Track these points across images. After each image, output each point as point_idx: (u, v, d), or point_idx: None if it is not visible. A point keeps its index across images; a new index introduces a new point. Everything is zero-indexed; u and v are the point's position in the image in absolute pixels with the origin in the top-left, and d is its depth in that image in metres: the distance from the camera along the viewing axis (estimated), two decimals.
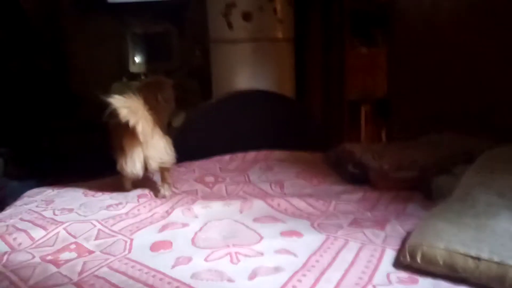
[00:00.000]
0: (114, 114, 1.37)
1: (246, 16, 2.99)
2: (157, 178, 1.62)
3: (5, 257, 1.06)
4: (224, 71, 3.13)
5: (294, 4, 3.14)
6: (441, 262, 0.93)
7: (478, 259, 0.90)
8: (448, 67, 2.10)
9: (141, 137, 1.40)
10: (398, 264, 0.99)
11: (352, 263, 1.00)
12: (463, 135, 1.72)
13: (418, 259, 0.95)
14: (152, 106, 1.51)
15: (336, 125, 3.03)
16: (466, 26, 1.97)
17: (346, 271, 0.97)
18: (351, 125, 3.01)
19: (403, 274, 0.95)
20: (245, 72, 3.07)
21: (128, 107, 1.38)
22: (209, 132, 2.07)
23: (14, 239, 1.17)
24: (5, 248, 1.13)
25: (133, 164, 1.47)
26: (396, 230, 1.16)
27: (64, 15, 3.35)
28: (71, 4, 3.39)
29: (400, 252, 1.02)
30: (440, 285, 0.91)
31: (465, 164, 1.36)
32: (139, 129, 1.38)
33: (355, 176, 1.60)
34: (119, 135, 1.45)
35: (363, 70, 3.11)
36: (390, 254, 1.03)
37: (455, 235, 0.97)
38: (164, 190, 1.52)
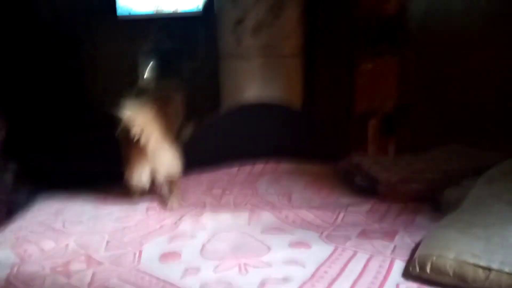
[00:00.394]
0: (124, 127, 1.39)
1: (255, 32, 3.03)
2: (165, 189, 1.63)
3: (15, 269, 1.07)
4: (232, 86, 3.15)
5: (302, 19, 3.18)
6: (451, 273, 0.92)
7: (488, 269, 0.89)
8: (458, 81, 2.10)
9: (149, 152, 1.41)
10: (407, 274, 0.98)
11: (360, 274, 0.99)
12: (472, 149, 1.72)
13: (428, 270, 0.94)
14: (162, 119, 1.53)
15: (343, 138, 3.02)
16: (478, 40, 1.97)
17: (355, 281, 0.96)
18: (359, 138, 3.00)
19: (413, 285, 0.95)
20: (253, 86, 3.10)
21: (138, 122, 1.39)
22: (217, 144, 2.08)
23: (25, 250, 1.18)
24: (16, 259, 1.14)
25: (139, 176, 1.49)
26: (405, 241, 1.15)
27: (77, 32, 3.43)
28: (82, 21, 3.46)
29: (409, 262, 1.01)
30: None
31: (473, 177, 1.35)
32: (147, 144, 1.39)
33: (363, 188, 1.60)
34: (128, 147, 1.47)
35: (371, 83, 3.11)
36: (399, 265, 1.03)
37: (465, 246, 0.96)
38: (172, 202, 1.53)
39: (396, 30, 2.75)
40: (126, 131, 1.39)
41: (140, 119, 1.41)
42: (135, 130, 1.38)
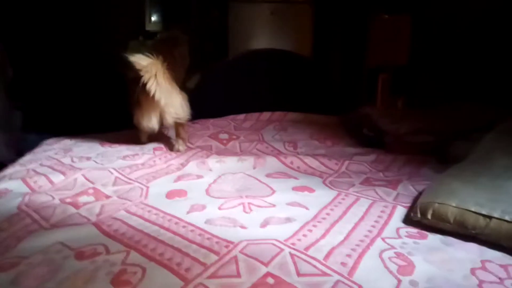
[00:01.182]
0: (132, 70, 1.38)
1: None
2: (172, 133, 1.64)
3: (26, 197, 1.10)
4: (241, 32, 3.08)
5: None
6: (451, 219, 0.94)
7: (489, 217, 0.90)
8: (474, 37, 2.03)
9: (156, 96, 1.40)
10: (408, 220, 1.00)
11: (362, 218, 1.01)
12: (482, 105, 1.69)
13: (429, 216, 0.96)
14: (169, 61, 1.51)
15: (354, 90, 2.99)
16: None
17: (356, 224, 0.98)
18: (369, 92, 2.96)
19: (413, 230, 0.96)
20: (262, 33, 3.03)
21: (146, 66, 1.37)
22: (224, 91, 2.06)
23: (35, 182, 1.21)
24: (26, 189, 1.17)
25: (149, 118, 1.49)
26: (408, 189, 1.16)
27: None
28: None
29: (411, 209, 1.03)
30: (448, 241, 0.92)
31: (483, 131, 1.34)
32: (154, 89, 1.38)
33: (370, 139, 1.60)
34: (137, 90, 1.46)
35: (385, 37, 3.03)
36: (400, 211, 1.04)
37: (469, 194, 0.97)
38: (179, 145, 1.55)
39: None
40: (135, 75, 1.38)
41: (148, 63, 1.38)
42: (144, 74, 1.36)
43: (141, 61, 1.36)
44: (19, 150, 2.71)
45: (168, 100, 1.43)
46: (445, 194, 0.98)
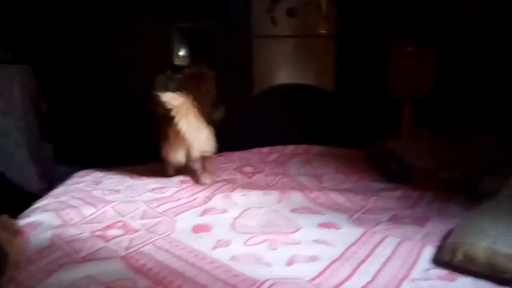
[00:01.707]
0: (162, 106, 1.43)
1: (291, 12, 3.00)
2: (198, 166, 1.67)
3: (59, 230, 1.14)
4: (265, 66, 3.16)
5: (338, 0, 3.12)
6: (482, 261, 0.91)
7: None
8: (498, 70, 2.02)
9: (185, 133, 1.44)
10: (438, 261, 0.97)
11: (390, 258, 0.99)
12: (511, 138, 1.66)
13: (459, 257, 0.93)
14: (195, 96, 1.56)
15: (377, 123, 2.98)
16: None
17: (384, 264, 0.96)
18: (393, 124, 2.95)
19: (442, 272, 0.94)
20: (286, 67, 3.09)
21: (177, 106, 1.42)
22: (250, 124, 2.10)
23: (67, 214, 1.25)
24: (58, 222, 1.21)
25: (176, 152, 1.53)
26: (437, 227, 1.14)
27: (113, 10, 3.50)
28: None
29: (440, 249, 1.00)
30: (480, 284, 0.89)
31: None
32: (183, 127, 1.42)
33: (396, 174, 1.58)
34: (165, 125, 1.51)
35: (408, 69, 3.04)
36: (429, 251, 1.02)
37: (500, 235, 0.94)
38: (205, 178, 1.57)
39: (437, 15, 2.66)
40: (163, 110, 1.43)
41: (179, 103, 1.43)
42: (172, 110, 1.41)
43: (172, 100, 1.41)
44: (50, 181, 2.81)
45: (195, 135, 1.46)
46: (476, 234, 0.96)
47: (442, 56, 2.57)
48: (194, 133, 1.46)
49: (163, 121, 1.51)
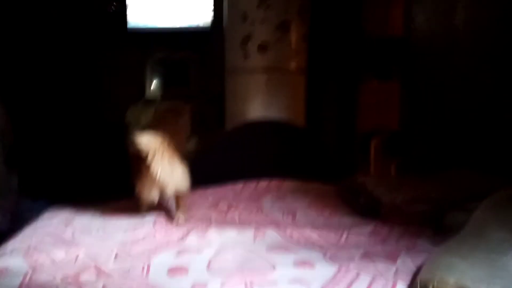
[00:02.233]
0: (136, 146, 1.42)
1: (262, 48, 3.09)
2: (172, 203, 1.66)
3: (27, 278, 1.10)
4: (238, 99, 3.21)
5: (308, 36, 3.25)
6: None
7: None
8: (463, 105, 2.13)
9: (156, 173, 1.44)
10: None
11: None
12: (477, 173, 1.75)
13: None
14: (171, 131, 1.57)
15: (347, 156, 3.06)
16: (484, 64, 2.01)
17: None
18: (362, 157, 3.04)
19: None
20: (258, 101, 3.15)
21: (148, 146, 1.42)
22: (224, 159, 2.12)
23: (36, 260, 1.21)
24: (28, 268, 1.17)
25: (149, 191, 1.52)
26: (407, 264, 1.18)
27: (88, 42, 3.50)
28: (94, 31, 3.54)
29: (411, 285, 1.04)
30: None
31: (477, 201, 1.38)
32: (157, 169, 1.42)
33: (366, 208, 1.63)
34: (139, 163, 1.50)
35: (375, 103, 3.17)
36: (401, 287, 1.05)
37: (466, 270, 0.99)
38: (179, 217, 1.56)
39: (401, 52, 2.81)
40: (136, 149, 1.43)
41: (150, 143, 1.43)
42: (145, 150, 1.41)
43: (146, 142, 1.41)
44: (14, 216, 2.70)
45: (169, 176, 1.46)
46: (443, 271, 1.00)
47: (408, 91, 2.69)
48: (168, 173, 1.46)
49: (137, 159, 1.50)
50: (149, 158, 1.41)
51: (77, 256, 1.23)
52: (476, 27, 2.05)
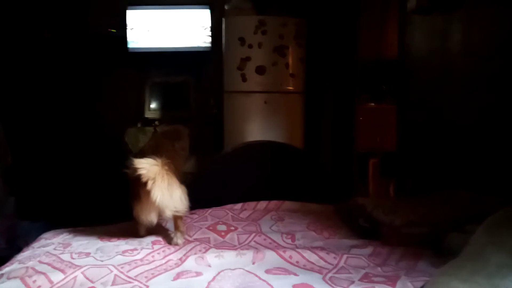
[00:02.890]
0: (134, 171, 1.43)
1: (260, 70, 3.15)
2: (170, 225, 1.65)
3: None
4: (236, 120, 3.25)
5: (305, 59, 3.31)
6: None
7: None
8: (459, 126, 2.16)
9: (155, 197, 1.44)
10: None
11: None
12: (476, 194, 1.75)
13: None
14: (169, 154, 1.58)
15: (345, 176, 3.08)
16: (479, 86, 2.04)
17: None
18: (360, 177, 3.06)
19: None
20: (256, 122, 3.19)
21: (147, 171, 1.43)
22: (222, 181, 2.12)
23: (34, 281, 1.20)
24: None
25: (148, 213, 1.52)
26: (406, 286, 1.17)
27: (88, 61, 3.55)
28: (95, 51, 3.59)
29: None
30: None
31: (476, 222, 1.38)
32: (153, 191, 1.43)
33: (365, 230, 1.63)
34: (137, 185, 1.50)
35: (372, 124, 3.21)
36: None
37: None
38: (177, 238, 1.56)
39: (396, 75, 2.87)
40: (135, 174, 1.43)
41: (149, 168, 1.44)
42: (144, 175, 1.42)
43: (142, 165, 1.42)
44: (11, 238, 2.67)
45: (168, 199, 1.46)
46: None
47: (404, 112, 2.73)
48: (166, 196, 1.46)
49: (135, 182, 1.50)
50: (148, 183, 1.41)
51: (75, 278, 1.22)
52: (471, 49, 2.10)
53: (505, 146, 1.87)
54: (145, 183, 1.43)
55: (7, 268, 1.31)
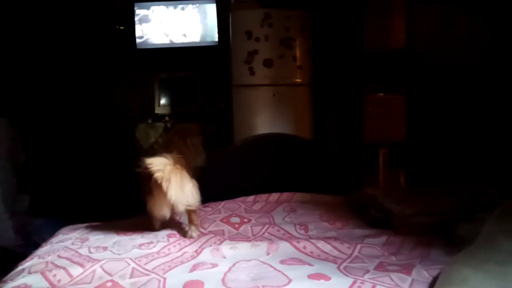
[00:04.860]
0: (147, 169, 1.45)
1: (267, 63, 3.15)
2: (184, 218, 1.68)
3: None
4: (244, 114, 3.26)
5: (312, 51, 3.30)
6: None
7: None
8: (466, 114, 2.15)
9: (168, 194, 1.46)
10: None
11: None
12: (485, 184, 1.76)
13: None
14: (181, 150, 1.60)
15: (354, 167, 3.08)
16: (483, 74, 2.04)
17: None
18: (369, 168, 3.06)
19: None
20: (265, 115, 3.20)
21: (160, 168, 1.45)
22: (233, 174, 2.14)
23: (54, 275, 1.23)
24: (46, 284, 1.19)
25: (161, 207, 1.54)
26: (421, 275, 1.18)
27: (97, 59, 3.57)
28: (103, 49, 3.61)
29: None
30: None
31: (486, 211, 1.39)
32: (166, 187, 1.45)
33: (377, 220, 1.64)
34: (149, 180, 1.52)
35: (380, 115, 3.20)
36: None
37: (479, 282, 0.99)
38: (192, 231, 1.58)
39: (403, 64, 2.86)
40: (147, 171, 1.45)
41: (162, 166, 1.46)
42: (157, 175, 1.44)
43: (154, 163, 1.44)
44: (26, 235, 2.72)
45: (179, 193, 1.48)
46: (458, 283, 1.01)
47: (413, 102, 2.72)
48: (178, 191, 1.48)
49: (146, 178, 1.52)
50: (164, 184, 1.44)
51: (94, 271, 1.25)
52: (476, 38, 2.08)
53: None
54: (157, 181, 1.45)
55: (27, 263, 1.34)
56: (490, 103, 2.00)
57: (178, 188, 1.48)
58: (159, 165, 1.46)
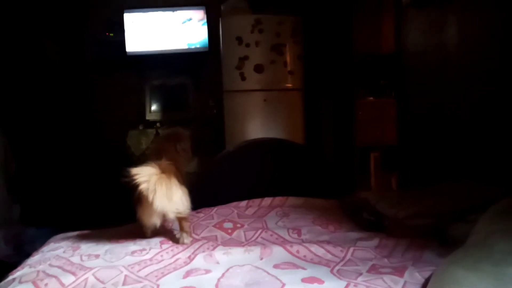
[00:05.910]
0: (133, 178, 1.44)
1: (258, 68, 3.16)
2: (176, 225, 1.67)
3: None
4: (236, 119, 3.27)
5: (303, 56, 3.33)
6: None
7: None
8: (457, 117, 2.17)
9: (154, 204, 1.45)
10: None
11: None
12: (478, 184, 1.77)
13: None
14: (171, 156, 1.60)
15: (347, 171, 3.09)
16: (474, 77, 2.05)
17: None
18: (361, 172, 3.07)
19: None
20: (257, 120, 3.21)
21: (146, 179, 1.44)
22: (226, 179, 2.14)
23: (46, 285, 1.21)
24: None
25: (150, 215, 1.53)
26: (414, 277, 1.19)
27: (88, 67, 3.56)
28: (94, 56, 3.60)
29: None
30: None
31: (479, 212, 1.40)
32: (152, 197, 1.44)
33: (370, 223, 1.64)
34: (137, 190, 1.50)
35: (371, 118, 3.22)
36: None
37: (473, 283, 1.00)
38: (184, 238, 1.57)
39: (393, 68, 2.88)
40: (133, 181, 1.44)
41: (148, 176, 1.45)
42: (141, 182, 1.43)
43: (140, 176, 1.43)
44: (17, 245, 2.69)
45: (165, 201, 1.47)
46: (450, 283, 1.01)
47: (403, 105, 2.75)
48: (164, 201, 1.46)
49: (135, 187, 1.51)
50: (149, 195, 1.43)
51: (86, 279, 1.23)
52: (467, 41, 2.11)
53: (506, 136, 1.89)
54: (143, 190, 1.44)
55: (18, 273, 1.32)
56: (481, 106, 2.02)
57: (164, 198, 1.47)
58: (145, 176, 1.45)
